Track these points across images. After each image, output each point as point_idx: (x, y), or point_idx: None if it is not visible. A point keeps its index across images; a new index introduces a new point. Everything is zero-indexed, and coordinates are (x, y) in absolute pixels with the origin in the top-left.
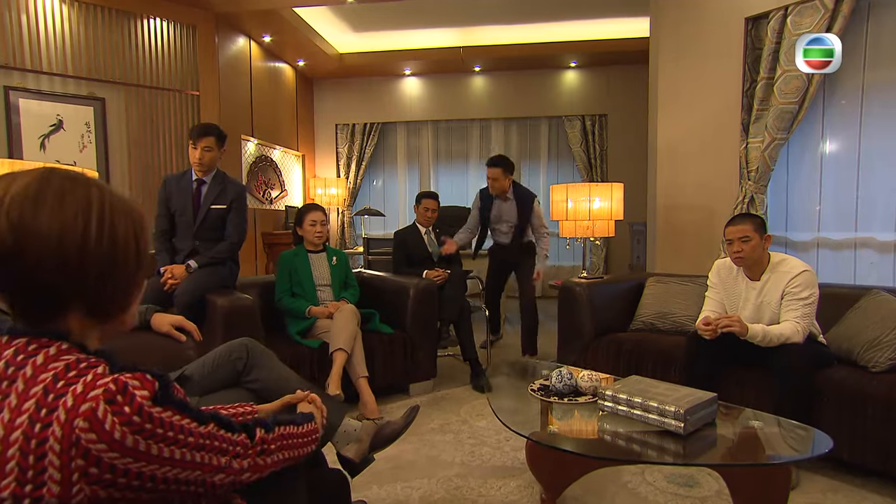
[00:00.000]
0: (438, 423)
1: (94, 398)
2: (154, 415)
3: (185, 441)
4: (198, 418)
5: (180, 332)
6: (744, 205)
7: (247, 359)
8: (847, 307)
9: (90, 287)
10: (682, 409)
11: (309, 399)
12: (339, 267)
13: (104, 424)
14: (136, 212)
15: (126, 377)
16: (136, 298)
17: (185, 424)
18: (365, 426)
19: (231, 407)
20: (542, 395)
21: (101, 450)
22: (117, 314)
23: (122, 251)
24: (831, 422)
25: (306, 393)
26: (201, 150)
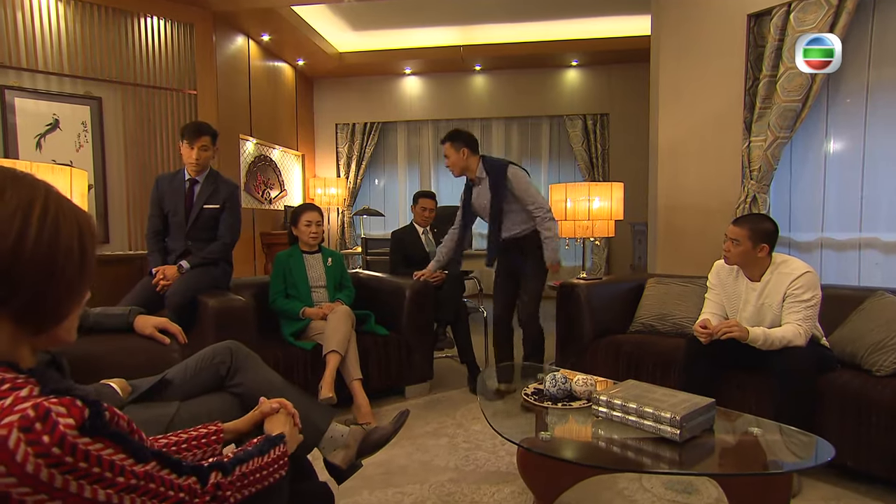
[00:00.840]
0: (433, 427)
1: (7, 425)
2: (79, 447)
3: (114, 480)
4: (136, 454)
5: (165, 334)
6: (746, 205)
7: (231, 362)
8: (851, 309)
9: (22, 294)
10: (678, 415)
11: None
12: (334, 268)
13: (15, 455)
14: (84, 217)
15: (51, 402)
16: (75, 310)
17: (118, 461)
18: (352, 431)
19: (194, 429)
20: (536, 399)
21: (9, 484)
22: (51, 327)
23: (64, 257)
24: (834, 427)
25: (277, 404)
26: (198, 149)
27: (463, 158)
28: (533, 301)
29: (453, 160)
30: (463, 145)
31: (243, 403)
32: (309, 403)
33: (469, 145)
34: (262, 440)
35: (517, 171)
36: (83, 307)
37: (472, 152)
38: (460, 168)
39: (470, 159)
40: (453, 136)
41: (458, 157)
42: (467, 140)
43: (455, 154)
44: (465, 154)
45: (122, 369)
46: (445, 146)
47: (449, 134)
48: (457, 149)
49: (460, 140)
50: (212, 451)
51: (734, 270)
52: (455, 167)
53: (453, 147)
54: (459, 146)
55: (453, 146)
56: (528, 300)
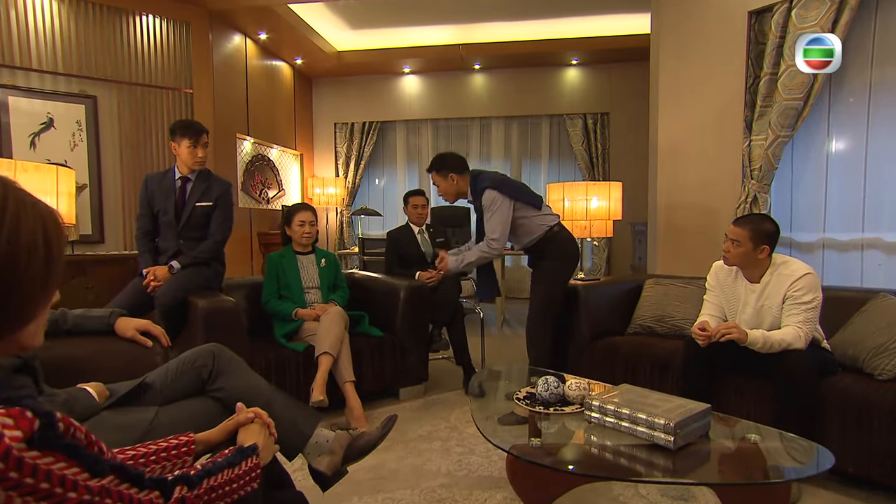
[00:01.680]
0: (427, 430)
1: None
2: (25, 461)
3: (64, 496)
4: (92, 468)
5: (147, 337)
6: (746, 204)
7: (213, 366)
8: (853, 311)
9: None
10: (673, 421)
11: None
12: (327, 269)
13: None
14: (49, 212)
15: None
16: (40, 313)
17: (71, 475)
18: (338, 437)
19: (164, 440)
20: (528, 403)
21: None
22: (15, 330)
23: (26, 254)
24: (835, 432)
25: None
26: (202, 147)
27: (454, 184)
28: (535, 310)
29: (444, 188)
30: (449, 171)
31: (225, 408)
32: (294, 408)
33: (456, 169)
34: (234, 451)
35: (490, 195)
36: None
37: (462, 174)
38: (454, 194)
39: (461, 182)
40: (437, 164)
41: (448, 184)
42: (453, 164)
43: (444, 181)
44: (454, 180)
45: (101, 373)
46: (433, 175)
47: (432, 162)
48: (444, 176)
49: (445, 167)
50: (182, 464)
51: (733, 271)
52: (448, 195)
53: (440, 175)
54: (446, 173)
55: (440, 174)
56: (531, 309)
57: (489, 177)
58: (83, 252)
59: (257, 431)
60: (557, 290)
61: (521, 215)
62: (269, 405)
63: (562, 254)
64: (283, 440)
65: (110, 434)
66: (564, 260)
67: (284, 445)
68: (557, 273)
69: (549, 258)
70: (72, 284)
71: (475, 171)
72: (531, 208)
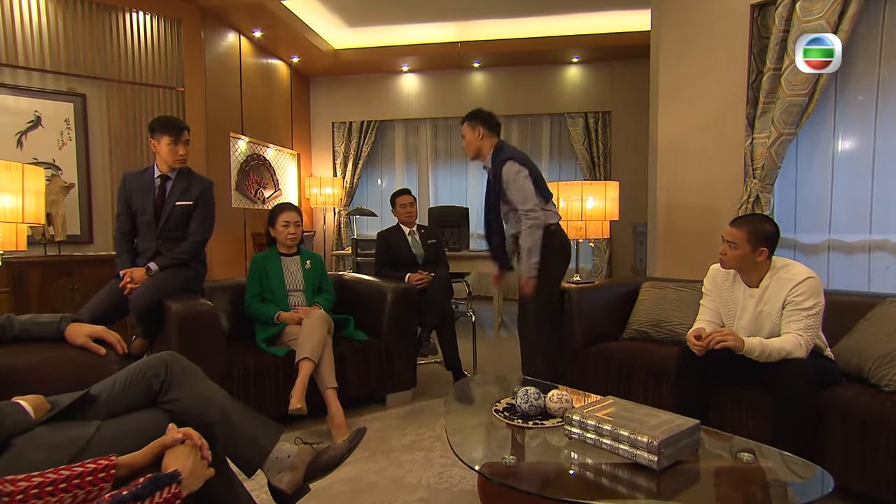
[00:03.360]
0: (410, 440)
1: None
2: None
3: None
4: None
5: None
6: (748, 204)
7: (165, 376)
8: (858, 317)
9: None
10: (657, 440)
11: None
12: (312, 271)
13: None
14: None
15: None
16: None
17: None
18: (300, 452)
19: (81, 464)
20: (507, 416)
21: None
22: None
23: None
24: (838, 447)
25: (181, 434)
26: (184, 145)
27: (478, 138)
28: (533, 316)
29: (468, 139)
30: (479, 124)
31: (178, 422)
32: (253, 420)
33: (487, 124)
34: (146, 481)
35: (512, 167)
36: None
37: (489, 133)
38: (474, 149)
39: (485, 140)
40: (471, 114)
41: (472, 136)
42: (485, 119)
43: (471, 133)
44: (480, 133)
45: (49, 382)
46: (463, 126)
47: (468, 113)
48: (473, 127)
49: (477, 118)
50: (98, 492)
51: (731, 275)
52: (469, 147)
53: (470, 125)
54: (476, 124)
55: (470, 124)
56: (528, 317)
57: (513, 151)
58: (70, 252)
59: (185, 455)
60: (555, 293)
61: None
62: (225, 417)
63: (557, 254)
64: (240, 455)
65: (40, 453)
66: (559, 261)
67: (242, 461)
68: (553, 275)
69: (543, 257)
70: (57, 285)
71: (501, 142)
72: (541, 199)
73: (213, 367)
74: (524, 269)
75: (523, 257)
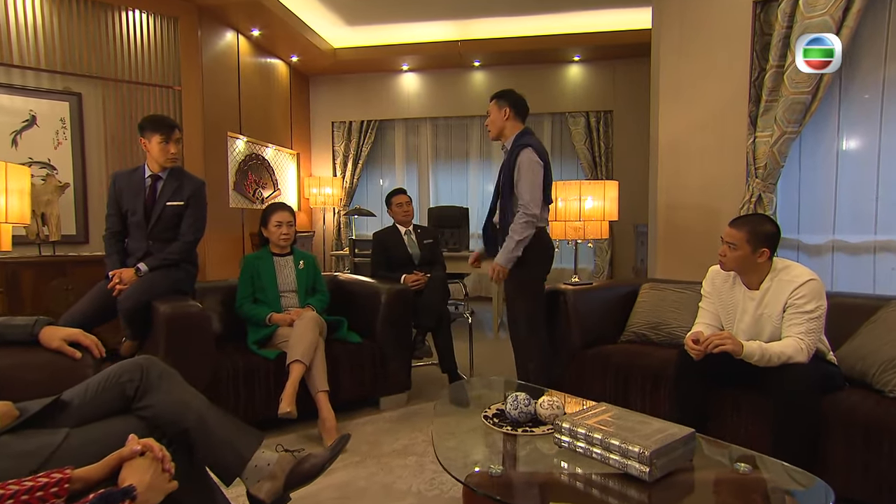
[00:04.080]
0: (403, 444)
1: None
2: None
3: None
4: None
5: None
6: (751, 204)
7: (140, 381)
8: (862, 320)
9: None
10: (648, 450)
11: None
12: (305, 271)
13: None
14: None
15: None
16: None
17: None
18: (280, 460)
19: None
20: (497, 422)
21: None
22: None
23: None
24: (840, 456)
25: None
26: (175, 144)
27: (503, 118)
28: (523, 320)
29: (493, 118)
30: (507, 104)
31: (152, 428)
32: (232, 427)
33: (515, 106)
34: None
35: (531, 156)
36: None
37: (516, 116)
38: (498, 128)
39: (509, 122)
40: (500, 93)
41: (498, 116)
42: (515, 101)
43: (497, 112)
44: (506, 114)
45: (21, 388)
46: (490, 104)
47: (498, 92)
48: (500, 107)
49: (506, 99)
50: None
51: (730, 277)
52: (493, 125)
53: (497, 104)
54: (503, 104)
55: (497, 103)
56: (517, 321)
57: (536, 141)
58: (65, 253)
59: (143, 468)
60: (541, 295)
61: None
62: (201, 424)
63: (542, 256)
64: (218, 463)
65: (3, 462)
66: (543, 263)
67: (220, 469)
68: (537, 277)
69: (526, 259)
70: (52, 286)
71: (529, 129)
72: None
73: (201, 369)
74: (501, 257)
75: (506, 246)
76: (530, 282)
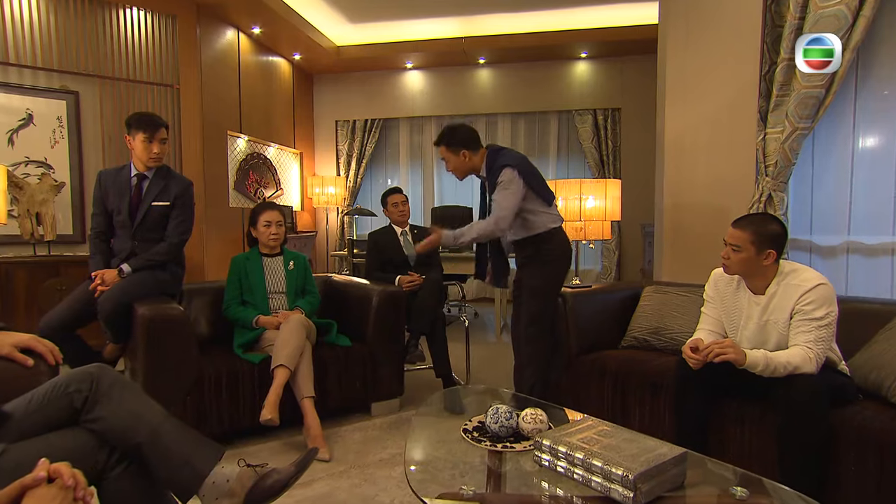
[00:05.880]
0: (390, 453)
1: None
2: None
3: None
4: None
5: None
6: (760, 204)
7: (90, 391)
8: (878, 327)
9: None
10: (633, 473)
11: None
12: (295, 272)
13: None
14: None
15: None
16: None
17: None
18: (241, 476)
19: None
20: (476, 436)
21: None
22: None
23: None
24: (851, 475)
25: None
26: (158, 143)
27: (465, 162)
28: (534, 325)
29: (454, 164)
30: (461, 147)
31: (103, 442)
32: (190, 441)
33: (468, 145)
34: None
35: (509, 174)
36: None
37: (474, 151)
38: (464, 171)
39: (473, 159)
40: (447, 137)
41: (458, 161)
42: (464, 139)
43: (455, 158)
44: (466, 156)
45: None
46: (441, 150)
47: (441, 135)
48: (455, 152)
49: (456, 141)
50: None
51: (734, 281)
52: (458, 171)
53: (450, 151)
54: (458, 149)
55: (450, 150)
56: (523, 323)
57: (511, 155)
58: (61, 253)
59: (48, 498)
60: (554, 300)
61: (530, 207)
62: (154, 437)
63: (559, 258)
64: (174, 480)
65: None
66: (560, 265)
67: (176, 486)
68: (553, 280)
69: (542, 262)
70: (45, 286)
71: (495, 147)
72: (542, 202)
73: (182, 374)
74: (450, 233)
75: (464, 230)
76: (552, 282)
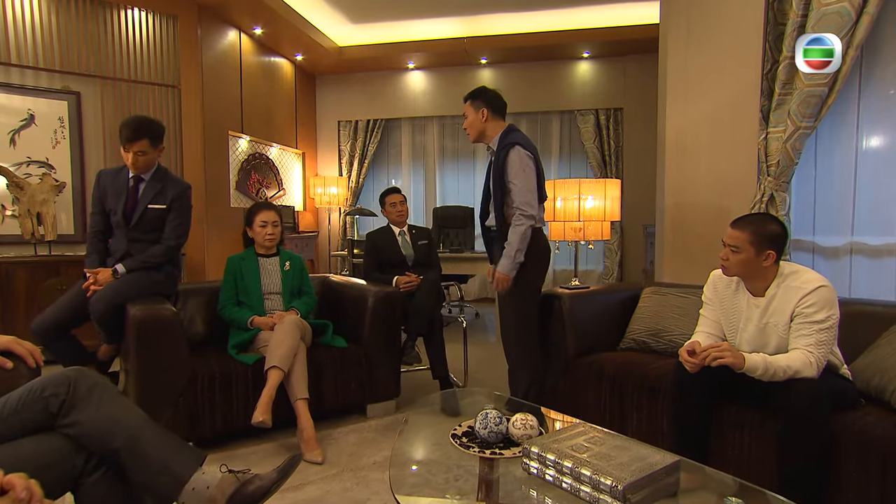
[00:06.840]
0: (384, 456)
1: None
2: None
3: None
4: None
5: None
6: (762, 204)
7: (67, 395)
8: (881, 330)
9: None
10: (622, 483)
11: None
12: (291, 273)
13: None
14: None
15: None
16: None
17: None
18: (222, 482)
19: None
20: (464, 442)
21: None
22: None
23: None
24: (853, 482)
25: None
26: (133, 154)
27: (481, 120)
28: (519, 328)
29: (470, 120)
30: (483, 105)
31: (79, 447)
32: (169, 447)
33: (491, 105)
34: None
35: (520, 155)
36: None
37: (495, 115)
38: (477, 131)
39: (490, 123)
40: (474, 93)
41: (475, 118)
42: (491, 99)
43: (473, 114)
44: (484, 115)
45: None
46: (465, 105)
47: (471, 91)
48: (476, 108)
49: (481, 98)
50: None
51: (734, 282)
52: (472, 129)
53: (472, 106)
54: (479, 105)
55: (473, 105)
56: (510, 329)
57: (523, 137)
58: (62, 252)
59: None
60: (536, 300)
61: None
62: (132, 443)
63: (539, 258)
64: (153, 486)
65: None
66: (540, 265)
67: (155, 493)
68: (533, 281)
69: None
70: (45, 286)
71: (512, 125)
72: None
73: (174, 375)
74: (503, 265)
75: (506, 253)
76: (526, 285)
